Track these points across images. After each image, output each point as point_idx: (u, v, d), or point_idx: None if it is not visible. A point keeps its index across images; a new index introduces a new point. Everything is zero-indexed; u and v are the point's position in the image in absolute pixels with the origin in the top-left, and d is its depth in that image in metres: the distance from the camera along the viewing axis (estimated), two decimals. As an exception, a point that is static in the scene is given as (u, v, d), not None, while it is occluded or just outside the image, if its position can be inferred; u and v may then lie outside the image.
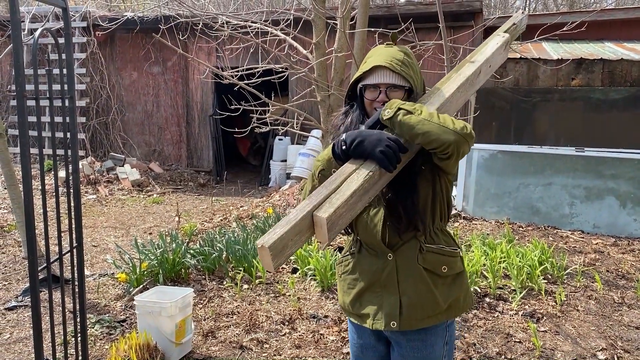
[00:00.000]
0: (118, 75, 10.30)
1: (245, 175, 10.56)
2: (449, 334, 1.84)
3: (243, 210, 7.03)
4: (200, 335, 3.67)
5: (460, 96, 1.81)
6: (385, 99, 1.71)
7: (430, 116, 1.57)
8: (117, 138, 10.31)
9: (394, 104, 1.61)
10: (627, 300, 4.22)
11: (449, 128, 1.55)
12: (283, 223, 1.39)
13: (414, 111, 1.57)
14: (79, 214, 2.85)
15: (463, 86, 1.80)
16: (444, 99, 1.74)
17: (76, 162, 2.79)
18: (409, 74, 1.72)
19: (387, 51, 1.76)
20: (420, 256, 1.76)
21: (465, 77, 1.82)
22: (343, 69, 6.41)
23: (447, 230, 1.88)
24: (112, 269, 4.86)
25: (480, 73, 1.89)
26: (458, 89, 1.78)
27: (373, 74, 1.74)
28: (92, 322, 3.79)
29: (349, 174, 1.53)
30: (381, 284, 1.80)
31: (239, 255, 4.69)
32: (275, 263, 1.36)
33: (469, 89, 1.86)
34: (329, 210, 1.40)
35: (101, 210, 7.50)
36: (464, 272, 1.87)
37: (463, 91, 1.81)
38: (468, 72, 1.84)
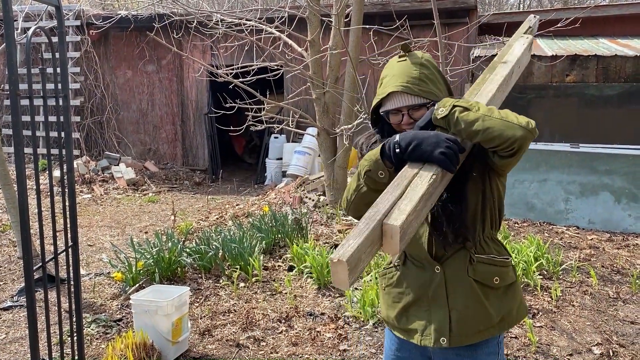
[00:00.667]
0: (112, 74, 10.26)
1: (241, 173, 10.55)
2: (500, 348, 1.73)
3: (239, 209, 7.03)
4: (197, 333, 3.67)
5: (500, 97, 1.72)
6: (410, 120, 1.63)
7: (490, 111, 1.48)
8: (112, 137, 10.27)
9: (447, 102, 1.51)
10: (622, 295, 4.24)
11: (513, 123, 1.46)
12: (355, 234, 1.28)
13: (471, 107, 1.48)
14: (74, 213, 2.83)
15: (501, 87, 1.71)
16: (488, 99, 1.62)
17: (71, 161, 2.78)
18: (428, 90, 1.63)
19: (401, 69, 1.66)
20: (470, 268, 1.66)
21: (503, 77, 1.73)
22: (338, 66, 6.40)
23: (497, 238, 1.77)
24: (108, 268, 4.84)
25: (513, 74, 1.81)
26: (498, 89, 1.68)
27: (391, 100, 1.65)
28: (88, 321, 3.78)
29: (412, 178, 1.44)
30: (429, 298, 1.70)
31: (235, 253, 4.69)
32: (351, 279, 1.25)
33: (505, 90, 1.76)
34: (400, 217, 1.31)
35: (96, 210, 7.47)
36: (516, 282, 1.76)
37: (501, 91, 1.72)
38: (504, 72, 1.75)
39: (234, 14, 6.48)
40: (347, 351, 3.45)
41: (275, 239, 5.40)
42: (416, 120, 1.62)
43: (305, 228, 5.53)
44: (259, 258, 4.68)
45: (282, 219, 5.54)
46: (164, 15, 7.31)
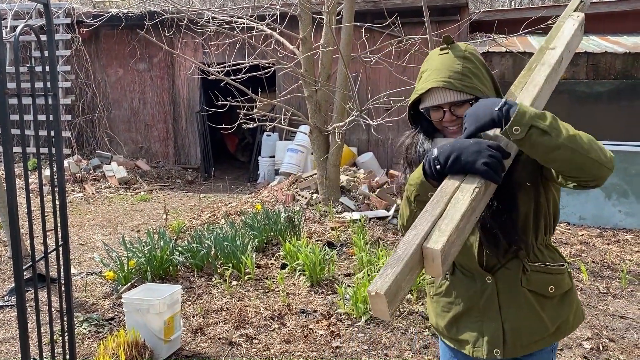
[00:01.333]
0: (103, 73, 10.20)
1: (233, 171, 10.52)
2: (553, 355, 1.68)
3: (231, 207, 7.02)
4: (189, 332, 3.67)
5: (548, 88, 1.59)
6: (452, 117, 1.54)
7: (572, 140, 1.33)
8: (103, 136, 10.22)
9: (523, 118, 1.32)
10: (612, 290, 4.28)
11: (599, 159, 1.34)
12: (393, 262, 1.22)
13: (551, 131, 1.32)
14: (64, 211, 2.82)
15: (550, 77, 1.57)
16: (534, 93, 1.51)
17: (61, 160, 2.77)
18: (471, 85, 1.51)
19: (443, 62, 1.54)
20: (523, 278, 1.58)
21: (551, 66, 1.58)
22: (330, 64, 6.40)
23: (551, 244, 1.67)
24: (99, 267, 4.83)
25: (563, 60, 1.65)
26: (546, 80, 1.54)
27: (431, 96, 1.54)
28: (80, 320, 3.77)
29: (452, 193, 1.35)
30: (480, 310, 1.63)
31: (228, 251, 4.68)
32: (392, 310, 1.19)
33: (554, 80, 1.62)
34: (440, 239, 1.23)
35: (88, 209, 7.44)
36: (572, 289, 1.68)
37: (550, 82, 1.58)
38: (552, 60, 1.59)
39: (225, 12, 6.46)
40: (339, 348, 3.46)
41: (268, 237, 5.40)
42: (459, 117, 1.54)
43: (298, 226, 5.53)
44: (251, 256, 4.67)
45: (274, 216, 5.54)
46: (155, 13, 7.28)
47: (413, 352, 3.37)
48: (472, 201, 1.31)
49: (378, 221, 6.07)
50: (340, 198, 6.68)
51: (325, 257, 4.60)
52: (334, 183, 6.65)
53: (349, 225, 5.80)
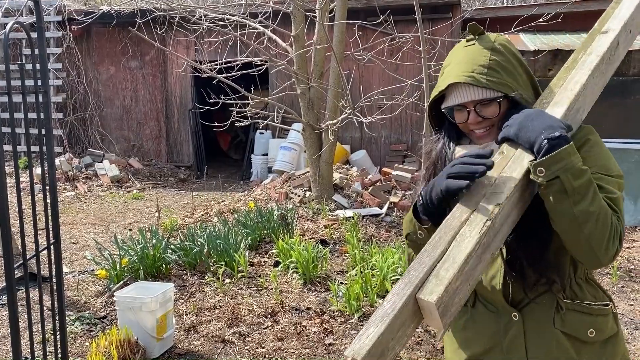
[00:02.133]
0: (95, 70, 10.15)
1: (226, 169, 10.50)
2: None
3: (224, 205, 7.01)
4: (182, 330, 3.66)
5: (596, 83, 1.32)
6: (477, 118, 1.31)
7: (585, 216, 1.15)
8: (95, 134, 10.17)
9: (557, 163, 1.13)
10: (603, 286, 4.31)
11: (596, 252, 1.18)
12: (377, 318, 1.03)
13: (573, 195, 1.14)
14: (55, 210, 2.81)
15: (598, 69, 1.30)
16: (574, 94, 1.26)
17: (52, 158, 2.75)
18: (500, 80, 1.28)
19: (467, 55, 1.33)
20: (557, 317, 1.34)
21: (599, 57, 1.31)
22: (322, 61, 6.40)
23: (593, 278, 1.42)
24: (91, 265, 4.81)
25: (619, 45, 1.37)
26: (592, 74, 1.29)
27: (453, 93, 1.33)
28: (72, 319, 3.75)
29: (458, 228, 1.14)
30: (503, 351, 1.39)
31: (221, 249, 4.68)
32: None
33: (606, 71, 1.35)
34: (437, 290, 1.04)
35: (80, 207, 7.40)
36: (618, 334, 1.41)
37: (599, 75, 1.32)
38: (602, 49, 1.32)
39: (218, 9, 6.44)
40: (332, 345, 3.46)
41: (261, 235, 5.40)
42: (486, 118, 1.31)
43: (291, 223, 5.53)
44: (244, 254, 4.67)
45: (267, 214, 5.54)
46: (146, 10, 7.24)
47: (405, 349, 3.39)
48: (482, 237, 1.09)
49: (371, 219, 6.08)
50: (333, 196, 6.69)
51: (318, 255, 4.61)
52: (327, 181, 6.66)
53: (342, 223, 5.81)
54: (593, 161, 1.27)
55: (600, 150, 1.33)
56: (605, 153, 1.33)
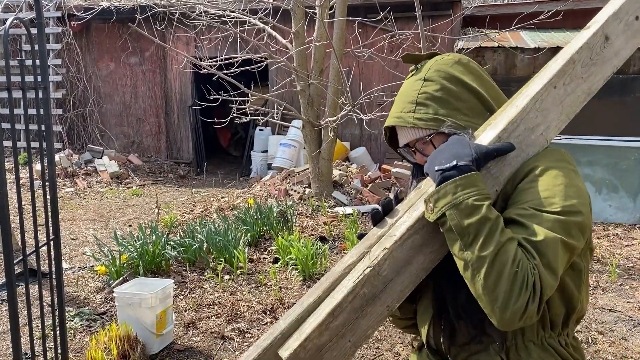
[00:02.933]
0: (95, 66, 10.13)
1: (226, 166, 10.50)
2: None
3: (224, 202, 7.01)
4: (182, 326, 3.67)
5: (569, 92, 1.07)
6: (423, 157, 1.20)
7: (481, 261, 0.97)
8: (95, 130, 10.16)
9: (442, 198, 1.01)
10: (601, 283, 4.32)
11: (495, 304, 0.97)
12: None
13: (461, 234, 0.99)
14: (55, 205, 2.81)
15: (565, 75, 1.06)
16: (518, 110, 1.05)
17: (51, 153, 2.75)
18: (428, 115, 1.16)
19: (402, 91, 1.24)
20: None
21: (566, 60, 1.06)
22: (322, 58, 6.39)
23: (559, 345, 1.15)
24: (91, 261, 4.81)
25: (610, 39, 1.09)
26: (552, 83, 1.05)
27: (397, 134, 1.27)
28: (72, 315, 3.76)
29: (341, 275, 1.01)
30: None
31: (220, 246, 4.68)
32: None
33: (590, 74, 1.07)
34: (293, 344, 0.93)
35: (80, 203, 7.40)
36: None
37: (575, 81, 1.06)
38: (571, 50, 1.07)
39: (218, 5, 6.43)
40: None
41: (260, 232, 5.40)
42: (427, 156, 1.16)
43: (291, 220, 5.54)
44: (243, 250, 4.68)
45: (267, 211, 5.54)
46: (146, 6, 7.22)
47: (405, 345, 3.40)
48: (359, 287, 0.94)
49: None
50: (332, 193, 6.70)
51: (318, 252, 4.61)
52: (326, 178, 6.66)
53: (341, 220, 5.81)
54: (530, 194, 1.04)
55: (548, 181, 1.05)
56: (553, 185, 1.04)
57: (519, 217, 1.03)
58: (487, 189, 1.02)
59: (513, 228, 1.02)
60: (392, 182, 7.12)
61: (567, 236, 1.00)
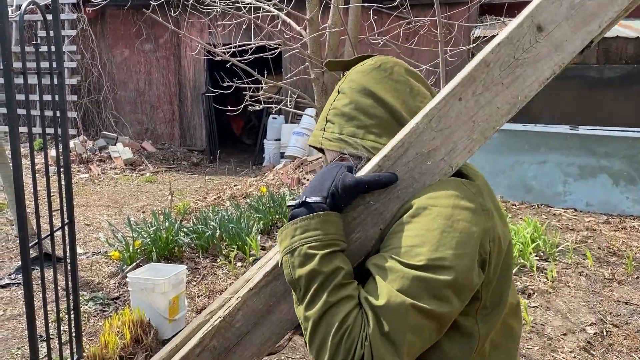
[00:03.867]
0: (109, 53, 10.16)
1: (238, 154, 10.52)
2: None
3: (237, 189, 7.02)
4: (194, 312, 3.69)
5: (470, 110, 0.82)
6: None
7: (305, 321, 0.85)
8: (109, 116, 10.22)
9: (283, 237, 0.90)
10: (617, 276, 4.27)
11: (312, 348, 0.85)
12: None
13: (292, 284, 0.87)
14: (69, 190, 2.82)
15: (465, 87, 0.82)
16: (403, 135, 0.87)
17: (66, 138, 2.76)
18: (334, 135, 1.02)
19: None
20: None
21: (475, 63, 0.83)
22: (337, 45, 6.33)
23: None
24: (105, 247, 4.85)
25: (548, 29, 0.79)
26: (447, 99, 0.84)
27: None
28: (86, 299, 3.79)
29: (200, 325, 0.92)
30: None
31: (233, 233, 4.69)
32: None
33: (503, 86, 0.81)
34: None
35: (94, 189, 7.46)
36: None
37: (472, 99, 0.82)
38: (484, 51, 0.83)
39: (232, -8, 6.39)
40: (343, 330, 3.47)
41: (272, 220, 5.40)
42: None
43: (303, 208, 5.52)
44: (256, 238, 4.68)
45: (279, 199, 5.54)
46: (160, -8, 7.21)
47: None
48: (206, 339, 0.84)
49: (383, 205, 6.05)
50: (345, 181, 6.67)
51: (330, 240, 4.60)
52: (339, 166, 6.63)
53: (354, 209, 5.79)
54: (396, 240, 0.87)
55: (422, 225, 0.86)
56: (427, 229, 0.85)
57: (374, 268, 0.86)
58: (338, 233, 0.86)
59: (368, 282, 0.86)
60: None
61: (423, 299, 0.80)
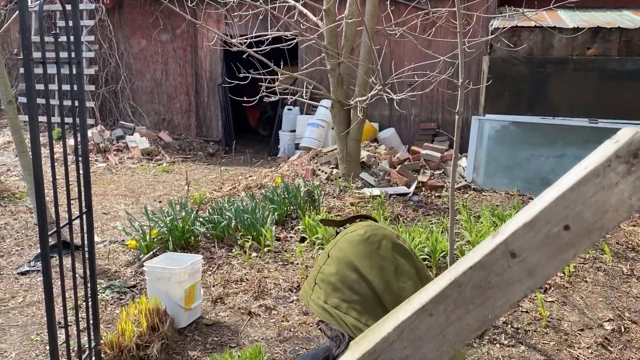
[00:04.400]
0: (127, 43, 10.22)
1: (254, 145, 10.54)
2: None
3: (252, 180, 7.04)
4: (210, 301, 3.72)
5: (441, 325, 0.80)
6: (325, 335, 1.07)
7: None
8: (126, 106, 10.29)
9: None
10: (636, 272, 4.21)
11: None
12: None
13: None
14: (87, 179, 2.86)
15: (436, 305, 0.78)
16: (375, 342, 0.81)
17: (84, 128, 2.79)
18: (320, 301, 1.01)
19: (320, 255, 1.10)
20: None
21: (447, 282, 0.78)
22: (353, 36, 6.30)
23: None
24: (122, 236, 4.91)
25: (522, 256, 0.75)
26: (418, 313, 0.80)
27: None
28: (103, 287, 3.85)
29: None
30: None
31: (248, 223, 4.71)
32: None
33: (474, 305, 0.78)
34: None
35: (111, 179, 7.54)
36: None
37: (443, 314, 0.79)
38: (457, 272, 0.76)
39: (249, -18, 6.37)
40: (357, 321, 3.47)
41: (287, 211, 5.42)
42: None
43: (318, 200, 5.53)
44: (271, 229, 4.70)
45: (294, 191, 5.55)
46: (178, -17, 7.21)
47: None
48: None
49: (398, 197, 6.03)
50: (360, 174, 6.65)
51: (345, 232, 4.60)
52: (354, 158, 6.61)
53: (368, 201, 5.78)
54: None
55: None
56: None
57: None
58: None
59: None
60: (422, 164, 7.03)
61: None
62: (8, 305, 3.68)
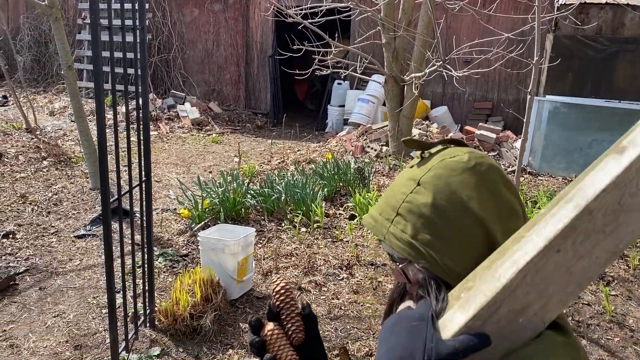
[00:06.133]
0: (180, 12, 10.25)
1: (301, 119, 10.48)
2: None
3: (300, 154, 7.00)
4: (260, 274, 3.72)
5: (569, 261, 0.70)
6: (399, 274, 0.92)
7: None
8: (177, 76, 10.38)
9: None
10: None
11: None
12: None
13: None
14: (147, 148, 2.86)
15: (565, 239, 0.69)
16: (498, 289, 0.72)
17: (146, 95, 2.78)
18: (403, 237, 0.85)
19: (392, 185, 0.93)
20: None
21: (578, 211, 0.68)
22: (412, 9, 6.09)
23: None
24: (174, 204, 4.96)
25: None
26: (544, 251, 0.70)
27: None
28: (156, 255, 3.90)
29: None
30: None
31: (298, 198, 4.68)
32: None
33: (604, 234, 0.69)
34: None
35: (162, 147, 7.65)
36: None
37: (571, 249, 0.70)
38: (588, 195, 0.68)
39: (306, -49, 6.22)
40: (409, 304, 3.41)
41: (337, 187, 5.35)
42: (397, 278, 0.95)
43: (368, 178, 5.44)
44: (320, 204, 4.65)
45: (344, 167, 5.47)
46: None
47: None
48: None
49: (450, 178, 5.87)
50: (411, 152, 6.51)
51: (396, 211, 4.51)
52: (406, 136, 6.46)
53: (420, 180, 5.65)
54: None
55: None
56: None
57: None
58: None
59: None
60: (475, 144, 6.81)
61: None
62: (66, 267, 3.79)
